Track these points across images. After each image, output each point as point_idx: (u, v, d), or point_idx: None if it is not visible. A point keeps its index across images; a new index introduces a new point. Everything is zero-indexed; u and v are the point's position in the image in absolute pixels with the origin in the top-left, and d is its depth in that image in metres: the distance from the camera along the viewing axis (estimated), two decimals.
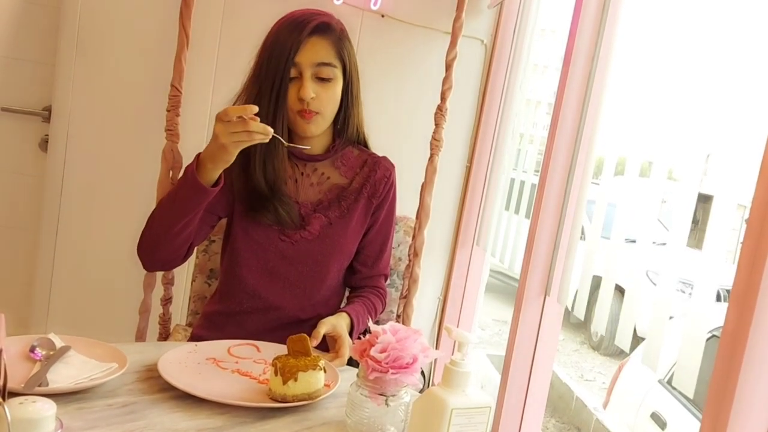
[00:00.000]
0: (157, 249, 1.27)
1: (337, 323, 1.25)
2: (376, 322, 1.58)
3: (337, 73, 1.28)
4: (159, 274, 1.73)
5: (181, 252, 1.28)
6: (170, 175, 1.72)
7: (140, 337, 1.73)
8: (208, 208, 1.26)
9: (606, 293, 1.89)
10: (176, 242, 1.25)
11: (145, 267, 1.34)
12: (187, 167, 1.19)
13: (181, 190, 1.20)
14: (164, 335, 1.69)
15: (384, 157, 1.44)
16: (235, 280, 1.35)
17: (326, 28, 1.26)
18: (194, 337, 1.39)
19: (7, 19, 2.15)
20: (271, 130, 1.10)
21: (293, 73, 1.24)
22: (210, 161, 1.15)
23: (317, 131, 1.30)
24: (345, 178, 1.38)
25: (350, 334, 1.29)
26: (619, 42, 1.52)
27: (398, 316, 1.70)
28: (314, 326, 1.25)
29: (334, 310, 1.37)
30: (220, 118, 1.09)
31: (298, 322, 1.34)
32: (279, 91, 1.24)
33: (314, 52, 1.24)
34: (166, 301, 1.67)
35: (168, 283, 1.73)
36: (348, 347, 1.22)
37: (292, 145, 1.23)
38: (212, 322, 1.38)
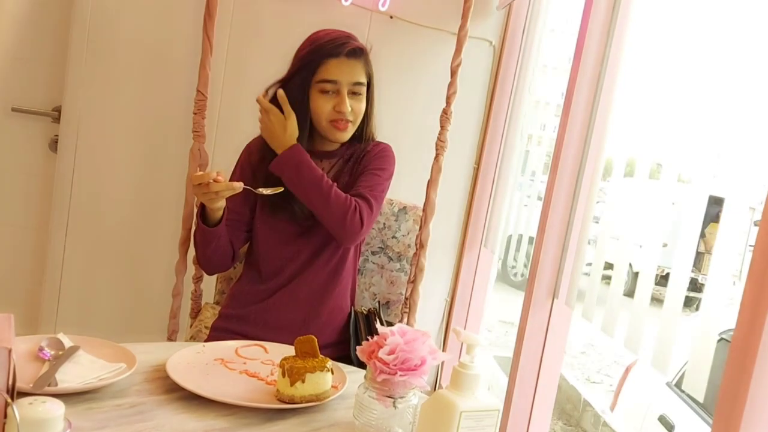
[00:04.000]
0: (205, 264, 1.53)
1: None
2: (382, 310, 1.61)
3: (365, 90, 1.49)
4: (189, 257, 1.81)
5: (225, 261, 1.53)
6: (198, 172, 1.81)
7: (173, 316, 1.88)
8: (234, 224, 1.50)
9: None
10: (215, 258, 1.50)
11: (206, 274, 1.65)
12: (197, 212, 1.45)
13: (197, 228, 1.46)
14: (196, 310, 1.83)
15: (375, 142, 1.59)
16: (259, 262, 1.54)
17: (360, 52, 1.47)
18: (222, 316, 1.56)
19: (18, 19, 2.16)
20: (239, 185, 1.31)
21: (331, 88, 1.44)
22: (207, 207, 1.40)
23: (348, 137, 1.51)
24: (344, 164, 1.56)
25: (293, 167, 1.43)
26: (628, 42, 1.51)
27: (406, 299, 1.79)
28: (332, 306, 1.52)
29: (349, 284, 1.58)
30: (191, 183, 1.32)
31: (316, 294, 1.52)
32: (309, 86, 1.45)
33: (352, 72, 1.45)
34: (197, 279, 1.85)
35: (197, 264, 1.81)
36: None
37: (266, 192, 1.38)
38: (238, 300, 1.55)
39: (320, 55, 1.43)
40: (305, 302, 1.51)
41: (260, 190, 1.38)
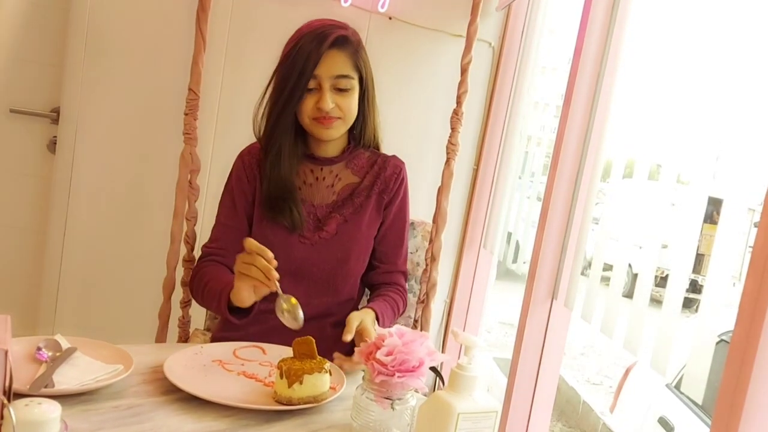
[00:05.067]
0: (199, 304, 1.40)
1: (364, 318, 1.26)
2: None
3: (354, 84, 1.34)
4: (178, 277, 1.68)
5: None
6: (188, 179, 1.71)
7: (161, 340, 1.70)
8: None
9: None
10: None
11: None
12: (224, 295, 1.24)
13: (213, 305, 1.29)
14: (183, 338, 1.66)
15: (393, 156, 1.49)
16: None
17: (344, 41, 1.32)
18: (215, 340, 1.41)
19: (16, 20, 2.16)
20: (272, 288, 1.14)
21: (312, 84, 1.30)
22: (236, 295, 1.20)
23: (336, 135, 1.37)
24: (357, 177, 1.44)
25: None
26: (627, 43, 1.51)
27: (416, 321, 1.68)
28: (336, 324, 1.35)
29: (357, 305, 1.46)
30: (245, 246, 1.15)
31: (322, 318, 1.39)
32: (299, 102, 1.31)
33: (333, 64, 1.30)
34: (185, 303, 1.67)
35: (187, 286, 1.66)
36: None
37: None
38: (234, 323, 1.37)
39: (303, 58, 1.28)
40: (312, 325, 1.30)
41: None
